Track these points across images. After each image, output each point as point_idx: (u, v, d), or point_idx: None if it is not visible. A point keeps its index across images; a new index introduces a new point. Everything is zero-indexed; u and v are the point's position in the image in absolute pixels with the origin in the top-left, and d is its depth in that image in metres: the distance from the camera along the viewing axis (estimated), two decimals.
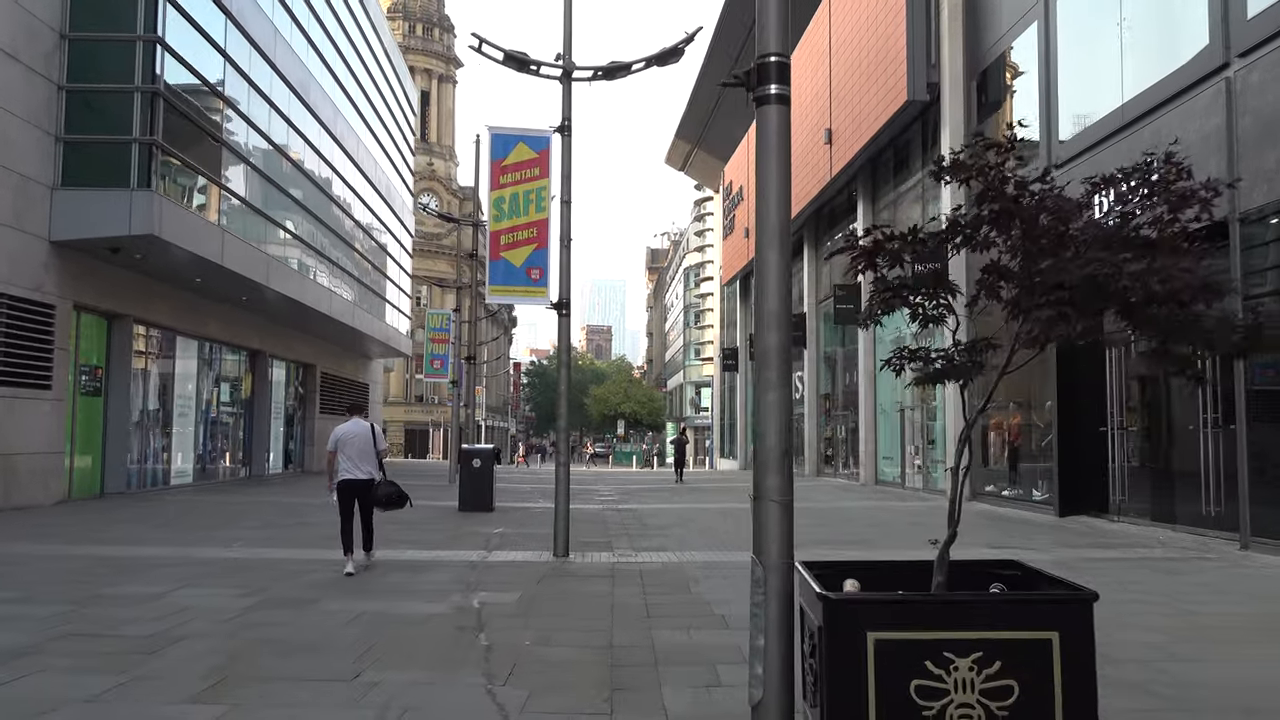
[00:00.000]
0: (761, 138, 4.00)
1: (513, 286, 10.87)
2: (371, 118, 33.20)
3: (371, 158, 33.43)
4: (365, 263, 33.00)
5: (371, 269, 34.19)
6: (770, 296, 3.97)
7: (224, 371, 25.17)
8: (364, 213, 32.62)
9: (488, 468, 16.89)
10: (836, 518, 15.77)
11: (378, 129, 34.34)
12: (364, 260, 32.75)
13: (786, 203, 4.10)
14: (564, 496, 10.66)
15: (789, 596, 3.93)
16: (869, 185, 26.20)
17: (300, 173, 25.09)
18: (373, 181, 33.64)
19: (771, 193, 4.01)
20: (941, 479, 21.32)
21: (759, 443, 4.07)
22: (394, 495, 9.82)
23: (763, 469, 4.02)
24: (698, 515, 16.58)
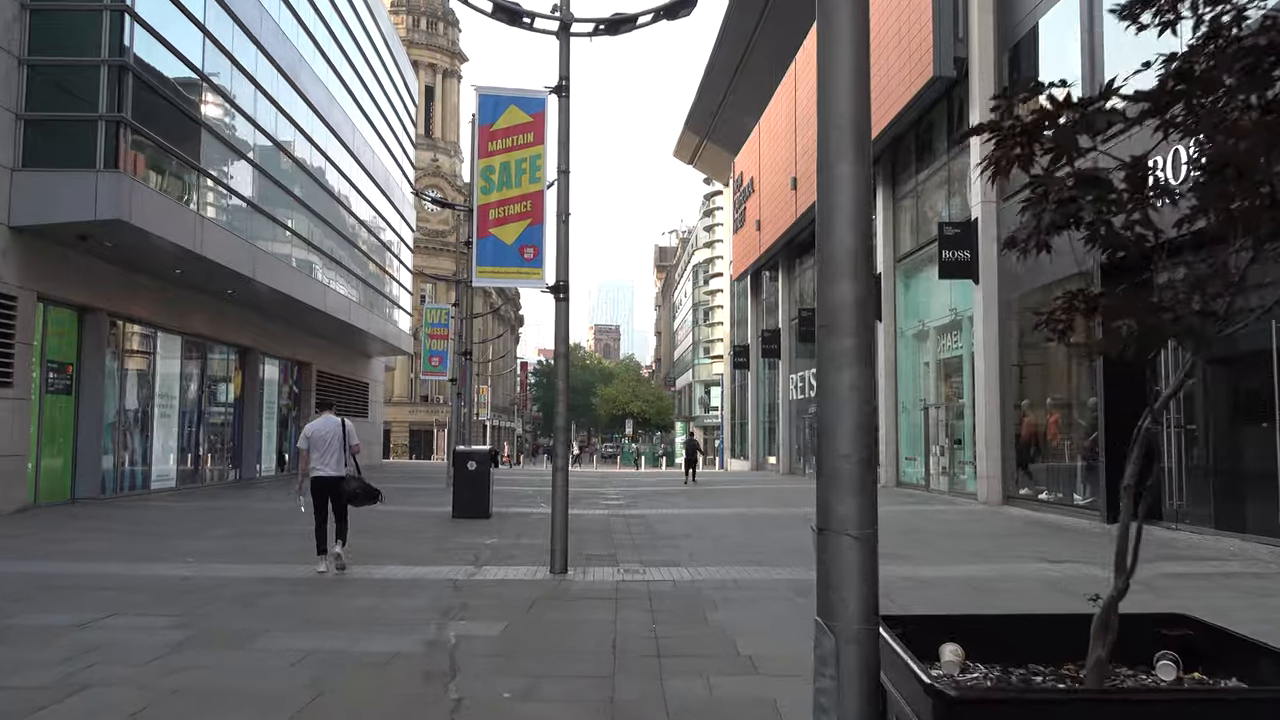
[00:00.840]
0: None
1: (503, 268, 9.60)
2: (369, 107, 31.98)
3: (369, 148, 32.21)
4: (363, 257, 31.79)
5: (370, 264, 32.98)
6: (842, 228, 2.72)
7: (211, 369, 23.96)
8: (361, 205, 31.41)
9: (484, 470, 15.64)
10: None
11: (375, 119, 33.12)
12: (362, 255, 31.54)
13: (865, 99, 2.83)
14: (562, 505, 9.38)
15: (874, 681, 2.61)
16: (889, 173, 24.86)
17: (290, 160, 23.88)
18: (370, 173, 32.42)
19: (843, 80, 2.74)
20: (972, 481, 19.99)
21: (824, 446, 2.76)
22: (363, 491, 9.76)
23: (832, 486, 2.72)
24: (711, 522, 15.29)
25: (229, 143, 19.71)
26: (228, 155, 19.71)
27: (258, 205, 21.55)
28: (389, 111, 35.04)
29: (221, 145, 19.37)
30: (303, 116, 24.53)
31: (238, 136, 20.39)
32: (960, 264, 18.65)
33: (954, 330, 21.11)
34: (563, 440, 9.63)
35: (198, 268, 18.87)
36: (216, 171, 19.08)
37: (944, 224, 18.91)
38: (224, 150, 19.52)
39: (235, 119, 20.23)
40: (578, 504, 19.07)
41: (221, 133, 19.34)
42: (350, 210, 29.87)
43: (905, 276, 24.39)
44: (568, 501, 9.55)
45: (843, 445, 2.69)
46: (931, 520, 15.26)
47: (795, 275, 36.34)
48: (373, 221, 33.35)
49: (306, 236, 25.22)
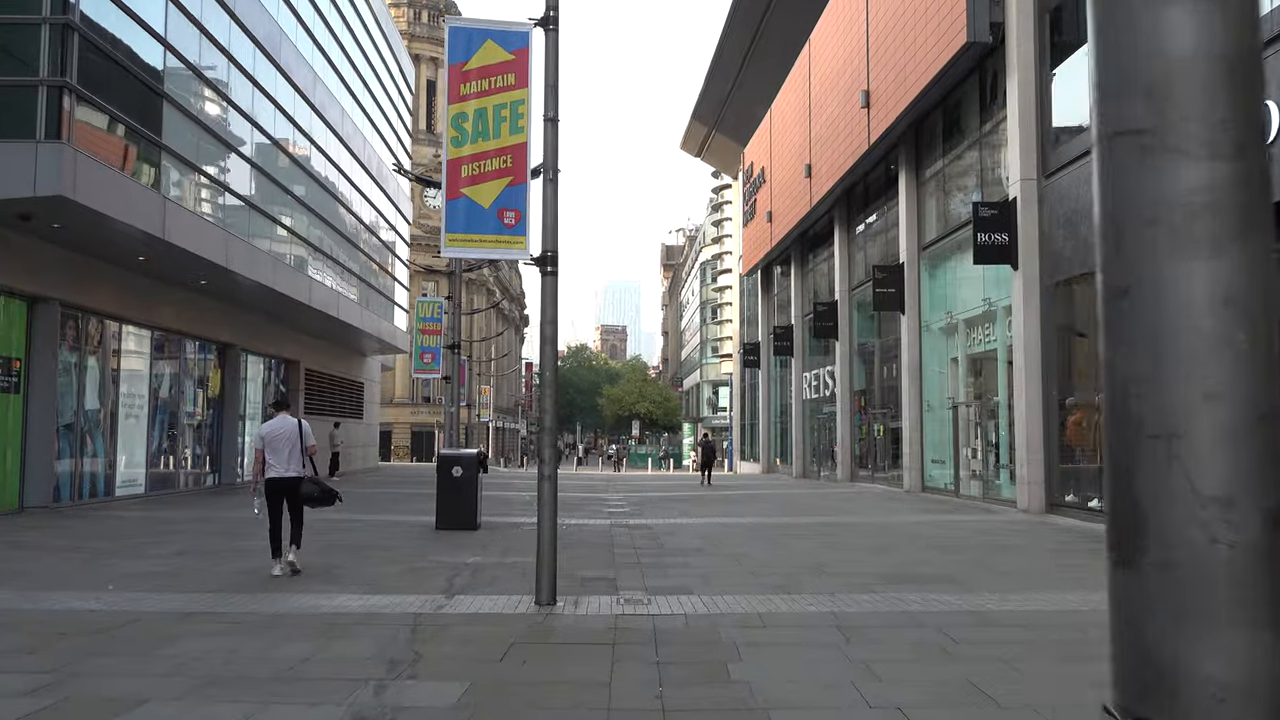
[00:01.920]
0: None
1: (478, 235, 7.95)
2: (360, 91, 30.40)
3: (361, 135, 30.63)
4: (355, 250, 30.20)
5: (363, 257, 31.40)
6: None
7: (187, 366, 22.38)
8: (352, 195, 29.81)
9: (471, 476, 14.00)
10: (897, 538, 12.78)
11: (368, 104, 31.53)
12: (353, 247, 29.95)
13: None
14: (549, 522, 7.76)
15: None
16: (912, 155, 23.18)
17: (271, 143, 22.30)
18: (363, 161, 30.83)
19: None
20: (1008, 487, 18.29)
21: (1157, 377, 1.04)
22: (319, 493, 9.56)
23: (1172, 450, 0.99)
24: (725, 534, 13.63)
25: (197, 119, 18.12)
26: (196, 133, 18.12)
27: (232, 189, 19.97)
28: (383, 98, 33.45)
29: (189, 121, 17.79)
30: (285, 97, 22.95)
31: (208, 113, 18.80)
32: (997, 248, 16.97)
33: (987, 322, 19.42)
34: (549, 443, 7.99)
35: (164, 255, 17.29)
36: (183, 150, 17.49)
37: (980, 204, 17.24)
38: (192, 127, 17.93)
39: (205, 93, 18.65)
40: (578, 512, 17.47)
41: (188, 107, 17.75)
42: (339, 199, 28.28)
43: (930, 266, 22.71)
44: (556, 516, 7.91)
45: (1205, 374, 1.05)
46: (971, 532, 13.58)
47: (809, 269, 34.69)
48: (365, 212, 31.75)
49: (290, 225, 23.64)
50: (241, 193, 20.55)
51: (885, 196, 25.91)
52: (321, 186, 26.41)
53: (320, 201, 26.32)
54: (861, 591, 8.39)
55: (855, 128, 24.72)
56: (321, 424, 30.65)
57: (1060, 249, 15.99)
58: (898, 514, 17.02)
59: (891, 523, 15.22)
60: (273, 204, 22.44)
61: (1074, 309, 16.41)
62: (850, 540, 12.65)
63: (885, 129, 22.40)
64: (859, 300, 28.58)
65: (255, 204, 21.25)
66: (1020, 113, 16.80)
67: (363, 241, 31.36)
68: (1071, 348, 16.39)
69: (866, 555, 10.97)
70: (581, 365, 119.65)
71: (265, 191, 21.95)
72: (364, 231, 31.77)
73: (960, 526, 14.47)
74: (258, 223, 21.57)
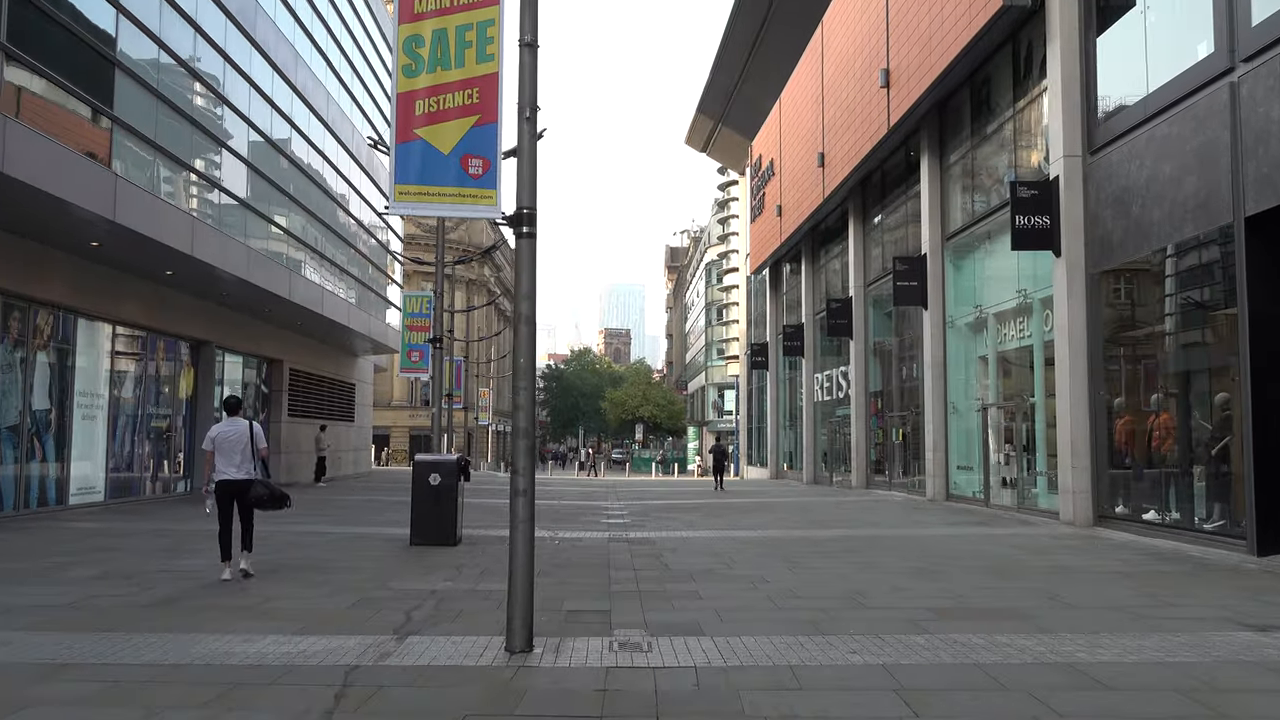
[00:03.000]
0: None
1: (435, 188, 6.35)
2: (349, 76, 28.84)
3: (350, 123, 29.07)
4: (343, 244, 28.62)
5: (353, 253, 29.82)
6: None
7: (154, 364, 20.80)
8: (340, 185, 28.24)
9: (451, 485, 12.40)
10: (937, 557, 11.14)
11: (358, 91, 29.97)
12: (342, 241, 28.37)
13: None
14: (523, 551, 6.19)
15: None
16: (935, 138, 21.56)
17: (244, 123, 20.73)
18: (351, 151, 29.28)
19: None
20: (1046, 496, 16.65)
21: None
22: (270, 496, 9.45)
23: None
24: (737, 551, 12.01)
25: (158, 92, 16.55)
26: (156, 107, 16.54)
27: (199, 171, 18.39)
28: (373, 83, 31.87)
29: (147, 94, 16.22)
30: (262, 76, 21.40)
31: (171, 86, 17.23)
32: (1037, 233, 15.34)
33: (1021, 316, 17.78)
34: (525, 447, 6.38)
35: (120, 241, 15.74)
36: (140, 124, 15.93)
37: (1018, 184, 15.60)
38: (151, 100, 16.35)
39: (168, 63, 17.06)
40: (572, 524, 15.87)
41: (146, 78, 16.18)
42: (325, 189, 26.71)
43: (955, 257, 21.08)
44: (533, 541, 6.30)
45: None
46: (1017, 549, 11.93)
47: (820, 265, 33.06)
48: (355, 205, 30.17)
49: (267, 213, 22.07)
50: (210, 176, 18.99)
51: (905, 185, 24.30)
52: (304, 174, 24.85)
53: (303, 190, 24.76)
54: (914, 631, 6.77)
55: (873, 110, 23.11)
56: (307, 427, 29.11)
57: (1108, 232, 14.36)
58: (926, 526, 15.38)
59: (923, 537, 13.57)
60: (247, 190, 20.87)
61: (1124, 299, 14.78)
62: (883, 559, 11.01)
63: (907, 109, 20.78)
64: (875, 296, 26.96)
65: (226, 189, 19.69)
66: (1064, 83, 15.18)
67: (351, 235, 29.78)
68: (1122, 344, 14.76)
69: (907, 579, 9.34)
70: (585, 369, 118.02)
71: (238, 176, 20.38)
72: (353, 225, 30.20)
73: (1002, 542, 12.82)
74: (230, 210, 20.00)
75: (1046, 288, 16.35)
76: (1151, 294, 14.02)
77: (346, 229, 29.22)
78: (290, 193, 23.65)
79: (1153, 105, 13.15)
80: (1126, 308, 14.78)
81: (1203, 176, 11.97)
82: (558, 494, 25.78)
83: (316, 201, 25.98)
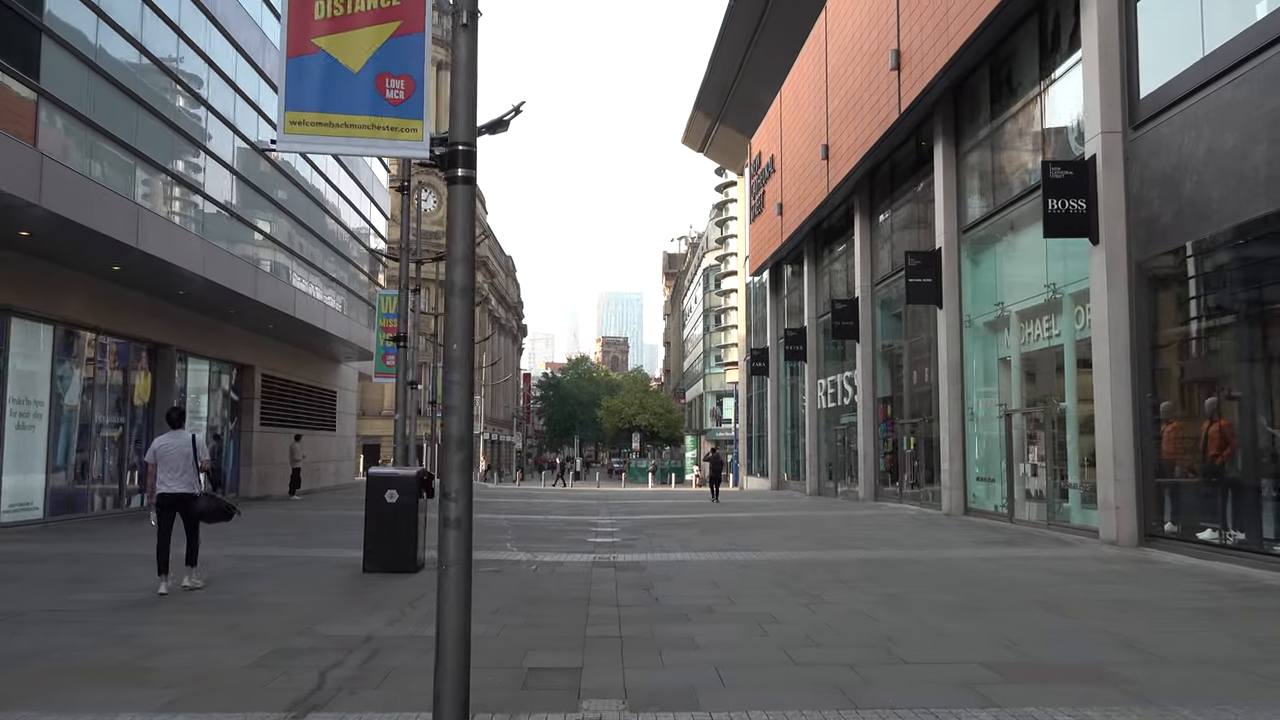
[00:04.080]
0: None
1: (341, 116, 4.76)
2: None
3: None
4: (318, 240, 27.01)
5: (331, 251, 28.22)
6: None
7: (104, 369, 19.15)
8: (315, 180, 26.64)
9: (410, 503, 10.79)
10: (976, 586, 9.51)
11: None
12: (316, 237, 26.76)
13: None
14: (455, 610, 4.56)
15: None
16: (950, 123, 20.00)
17: (200, 103, 19.15)
18: None
19: None
20: (1080, 511, 15.04)
21: None
22: (213, 509, 9.41)
23: None
24: (740, 579, 10.38)
25: (95, 65, 14.97)
26: (93, 81, 14.96)
27: (146, 155, 16.78)
28: None
29: (82, 66, 14.64)
30: (223, 57, 19.83)
31: (108, 55, 15.63)
32: (1072, 218, 13.75)
33: (1049, 313, 16.19)
34: (459, 463, 4.75)
35: (52, 230, 14.13)
36: (73, 100, 14.34)
37: (1050, 164, 14.01)
38: (86, 73, 14.77)
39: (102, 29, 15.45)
40: (554, 544, 14.24)
41: (80, 48, 14.59)
42: (297, 182, 25.12)
43: (973, 252, 19.50)
44: (467, 598, 4.64)
45: None
46: (1065, 576, 10.31)
47: (824, 265, 31.50)
48: (331, 200, 28.58)
49: (229, 205, 20.48)
50: (160, 162, 17.38)
51: (916, 176, 22.73)
52: (275, 167, 23.26)
53: (273, 182, 23.17)
54: (975, 701, 5.16)
55: (882, 95, 21.55)
56: (281, 436, 27.46)
57: (1155, 215, 12.78)
58: (951, 545, 13.75)
59: (951, 560, 11.94)
60: (205, 178, 19.28)
61: (1173, 290, 13.19)
62: (912, 590, 9.39)
63: (920, 91, 19.22)
64: (883, 297, 25.38)
65: (181, 176, 18.10)
66: (1101, 51, 13.61)
67: (329, 233, 28.17)
68: (1168, 341, 13.16)
69: (947, 618, 7.72)
70: (582, 377, 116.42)
71: (194, 163, 18.79)
72: (331, 223, 28.60)
73: (1042, 566, 11.20)
74: (185, 199, 18.41)
75: (1080, 280, 14.76)
76: (1207, 282, 12.42)
77: (323, 226, 27.62)
78: (255, 183, 22.06)
79: (1211, 68, 11.58)
80: (1175, 299, 13.18)
81: (1276, 145, 10.39)
82: (544, 508, 24.16)
83: (289, 196, 24.39)
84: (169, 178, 17.77)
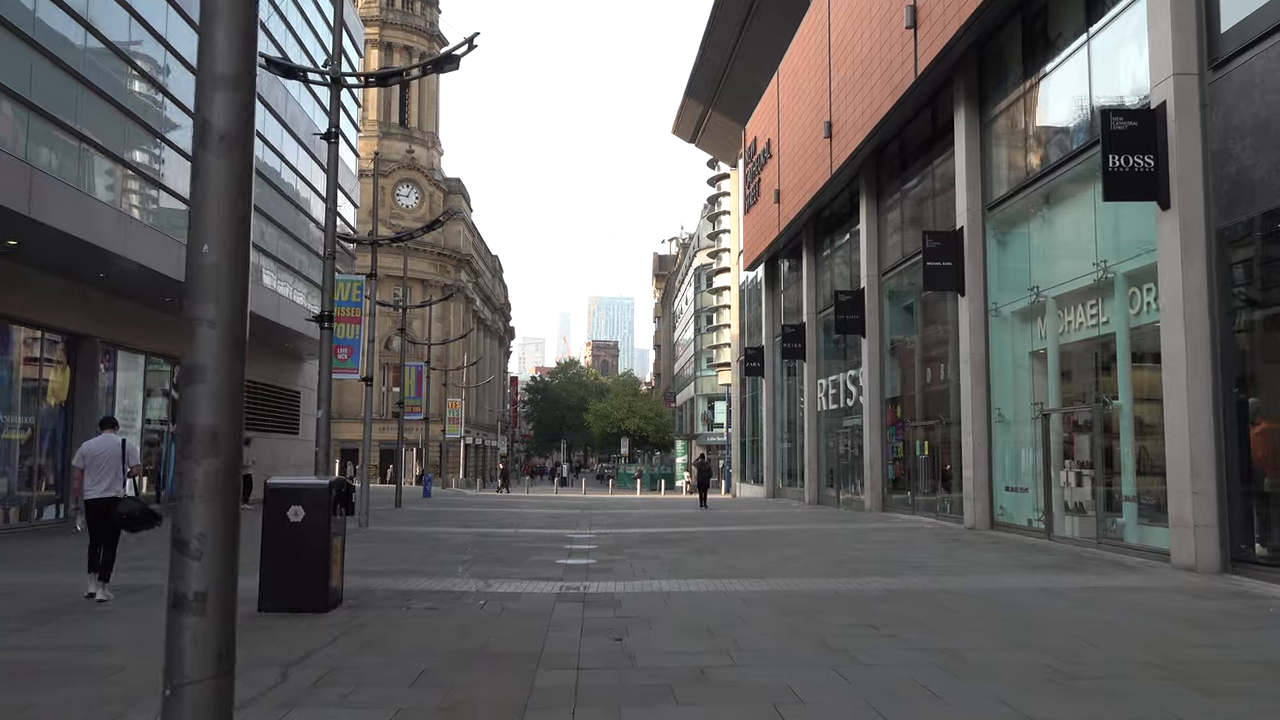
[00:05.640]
0: None
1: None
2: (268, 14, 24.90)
3: (282, 86, 25.12)
4: (269, 221, 24.62)
5: (288, 236, 25.83)
6: None
7: (9, 362, 16.73)
8: (263, 153, 24.26)
9: (320, 523, 8.44)
10: (1050, 636, 7.18)
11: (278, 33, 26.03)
12: (268, 219, 24.37)
13: None
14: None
15: None
16: (974, 87, 17.77)
17: (117, 56, 16.79)
18: (282, 117, 25.30)
19: None
20: (1135, 529, 12.76)
21: None
22: (136, 514, 8.96)
23: None
24: (740, 623, 8.06)
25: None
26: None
27: (40, 108, 14.39)
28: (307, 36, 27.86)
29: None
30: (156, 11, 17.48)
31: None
32: (1137, 178, 11.48)
33: (1096, 297, 13.92)
34: (203, 473, 2.38)
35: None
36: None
37: (1113, 111, 11.74)
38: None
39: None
40: (519, 565, 11.89)
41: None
42: None
43: (1000, 231, 17.27)
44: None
45: None
46: (1162, 619, 8.00)
47: (824, 257, 29.26)
48: (288, 181, 26.19)
49: (154, 173, 18.10)
50: (60, 117, 14.98)
51: (931, 153, 20.49)
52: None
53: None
54: None
55: (895, 59, 19.30)
56: None
57: (1243, 173, 10.54)
58: (992, 570, 11.44)
59: (1002, 593, 9.62)
60: (126, 142, 16.89)
61: (1263, 263, 10.94)
62: (972, 641, 7.08)
63: (942, 48, 16.96)
64: (892, 289, 23.15)
65: (88, 137, 15.70)
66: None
67: (285, 218, 25.78)
68: (1252, 324, 10.92)
69: (1042, 699, 5.40)
70: (571, 381, 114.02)
71: (111, 122, 16.41)
72: (291, 208, 26.22)
73: (1122, 602, 8.90)
74: (93, 163, 16.03)
75: (1139, 255, 12.54)
76: None
77: (278, 209, 25.21)
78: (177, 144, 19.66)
79: None
80: (1266, 274, 10.92)
81: None
82: (520, 519, 21.81)
83: None
84: (76, 140, 15.37)
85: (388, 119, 68.62)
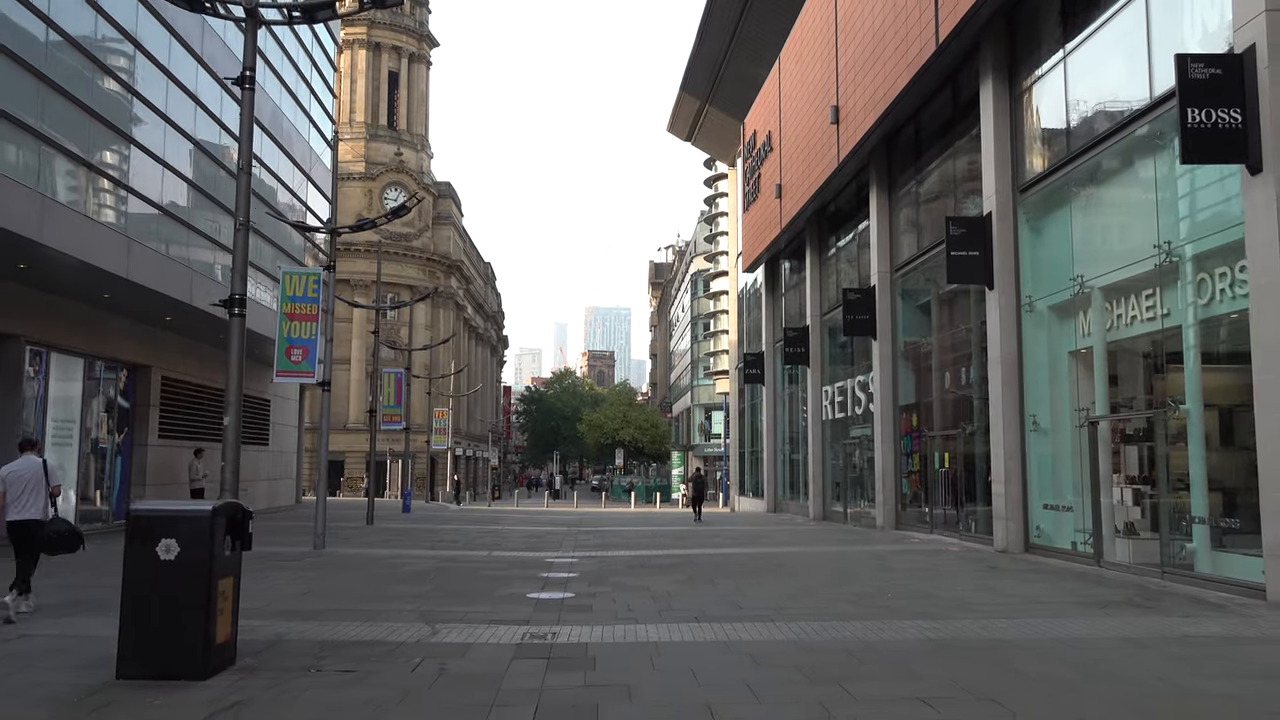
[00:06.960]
0: None
1: None
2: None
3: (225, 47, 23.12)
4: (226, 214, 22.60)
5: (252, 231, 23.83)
6: None
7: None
8: (220, 137, 22.31)
9: (200, 559, 6.47)
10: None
11: None
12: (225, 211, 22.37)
13: None
14: None
15: None
16: (1003, 54, 15.91)
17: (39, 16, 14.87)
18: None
19: None
20: (1207, 557, 10.80)
21: None
22: (63, 535, 8.93)
23: None
24: (750, 695, 6.12)
25: None
26: None
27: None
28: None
29: None
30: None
31: None
32: (1222, 136, 9.57)
33: (1154, 285, 11.97)
34: None
35: None
36: None
37: (1191, 59, 9.84)
38: None
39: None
40: (481, 600, 9.87)
41: None
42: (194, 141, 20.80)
43: (1034, 216, 15.37)
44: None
45: None
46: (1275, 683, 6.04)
47: (829, 255, 27.35)
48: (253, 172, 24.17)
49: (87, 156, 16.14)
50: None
51: (951, 134, 18.60)
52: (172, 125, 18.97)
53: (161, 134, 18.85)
54: None
55: (913, 30, 17.43)
56: (185, 451, 22.98)
57: None
58: (1051, 612, 9.44)
59: (1079, 645, 7.64)
60: (45, 113, 14.92)
61: None
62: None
63: (966, 11, 15.07)
64: (905, 286, 21.24)
65: (9, 112, 13.74)
66: None
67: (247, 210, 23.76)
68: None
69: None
70: (566, 391, 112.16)
71: (26, 90, 14.45)
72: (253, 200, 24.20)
73: (1243, 663, 6.94)
74: (18, 142, 14.08)
75: (1212, 234, 10.65)
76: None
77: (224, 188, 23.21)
78: (134, 135, 17.73)
79: None
80: None
81: None
82: (498, 539, 19.79)
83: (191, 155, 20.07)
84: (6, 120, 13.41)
85: (375, 120, 66.81)
